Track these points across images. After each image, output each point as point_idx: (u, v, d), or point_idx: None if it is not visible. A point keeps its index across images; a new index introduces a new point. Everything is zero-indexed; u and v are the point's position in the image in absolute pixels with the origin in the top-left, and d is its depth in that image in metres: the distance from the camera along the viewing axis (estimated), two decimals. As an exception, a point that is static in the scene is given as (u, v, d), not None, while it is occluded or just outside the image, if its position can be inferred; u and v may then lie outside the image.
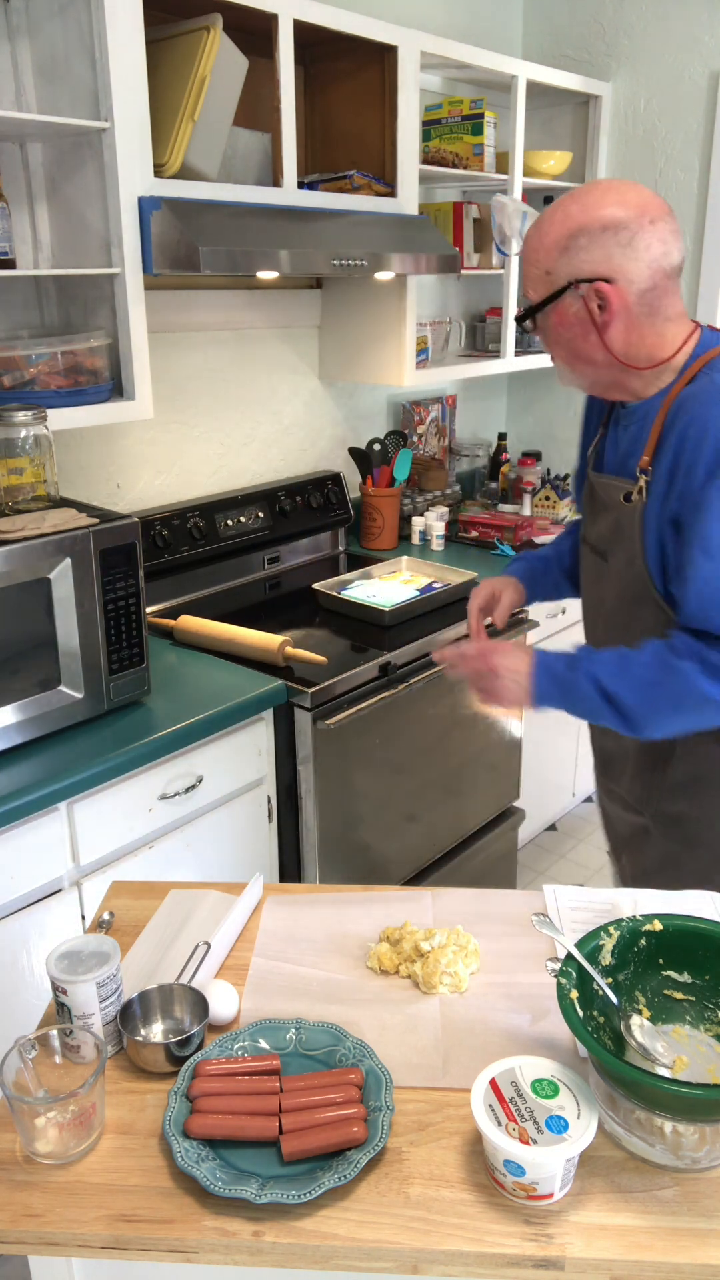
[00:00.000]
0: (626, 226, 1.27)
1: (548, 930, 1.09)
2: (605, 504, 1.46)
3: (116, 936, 1.29)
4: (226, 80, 2.04)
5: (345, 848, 2.25)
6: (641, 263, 1.29)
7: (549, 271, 1.32)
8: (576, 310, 1.33)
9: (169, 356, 2.48)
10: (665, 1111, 0.92)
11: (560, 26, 3.26)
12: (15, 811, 1.60)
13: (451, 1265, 0.89)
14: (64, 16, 1.84)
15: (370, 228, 2.32)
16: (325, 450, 3.01)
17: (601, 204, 1.28)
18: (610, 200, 1.28)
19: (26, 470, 1.77)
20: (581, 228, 1.29)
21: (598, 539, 1.51)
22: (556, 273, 1.32)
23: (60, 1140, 0.98)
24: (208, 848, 1.99)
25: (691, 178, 3.10)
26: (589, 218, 1.28)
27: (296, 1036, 1.10)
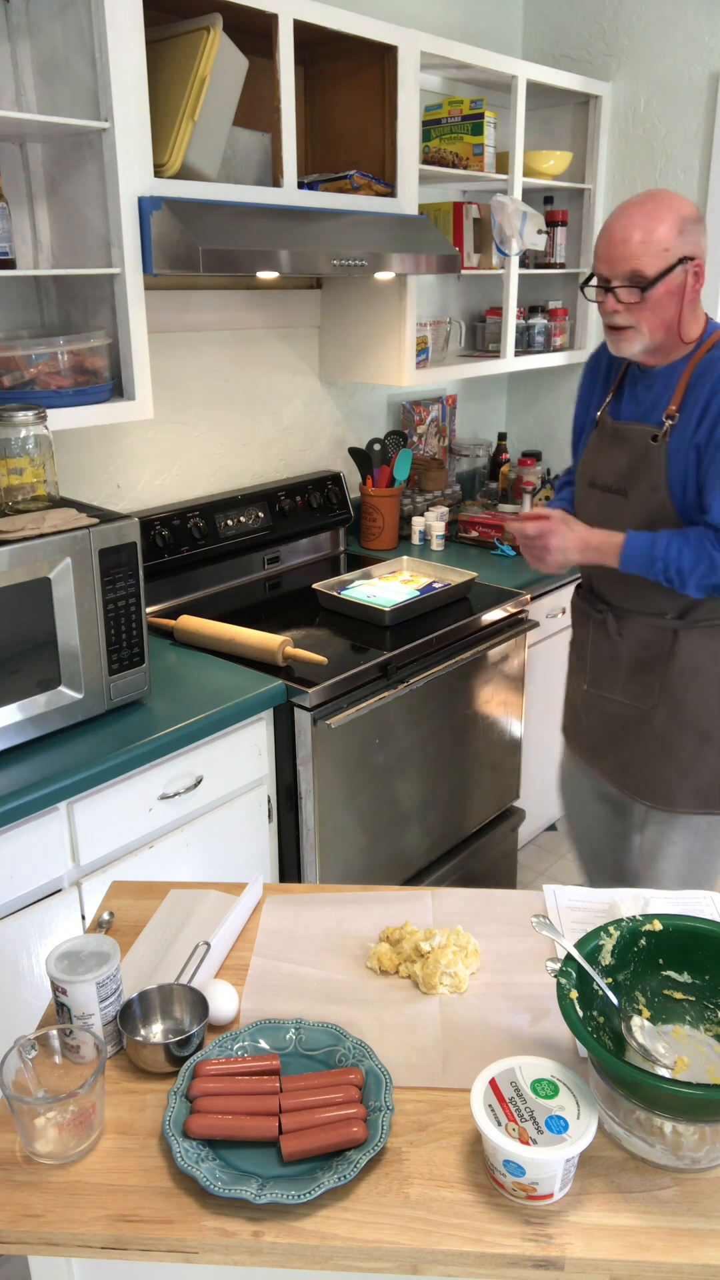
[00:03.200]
0: (703, 220, 1.73)
1: (547, 931, 1.09)
2: (631, 444, 1.81)
3: (116, 936, 1.29)
4: (226, 80, 2.04)
5: (345, 848, 2.25)
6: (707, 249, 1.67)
7: (668, 249, 1.66)
8: (679, 283, 1.69)
9: (169, 356, 2.48)
10: (665, 1111, 0.92)
11: (560, 26, 3.26)
12: (15, 811, 1.60)
13: (451, 1265, 0.89)
14: (64, 16, 1.84)
15: (370, 228, 2.32)
16: (325, 450, 3.01)
17: (685, 202, 1.70)
18: (685, 200, 1.70)
19: (26, 470, 1.77)
20: (687, 217, 1.68)
21: (615, 478, 1.85)
22: (674, 250, 1.66)
23: (60, 1140, 0.98)
24: (208, 848, 1.99)
25: (691, 178, 3.10)
26: (689, 210, 1.69)
27: (296, 1036, 1.10)
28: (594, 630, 1.98)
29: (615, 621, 1.91)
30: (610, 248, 1.69)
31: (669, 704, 1.88)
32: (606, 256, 1.70)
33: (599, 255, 1.73)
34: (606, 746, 2.01)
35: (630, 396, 1.86)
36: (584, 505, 1.95)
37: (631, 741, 1.95)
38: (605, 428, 1.89)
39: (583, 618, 2.02)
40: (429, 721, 2.39)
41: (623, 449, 1.83)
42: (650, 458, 1.78)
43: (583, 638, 2.03)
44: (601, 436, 1.90)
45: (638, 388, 1.85)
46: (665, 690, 1.88)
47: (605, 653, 1.96)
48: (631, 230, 1.67)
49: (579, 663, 2.07)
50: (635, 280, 1.67)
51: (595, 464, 1.90)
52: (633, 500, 1.82)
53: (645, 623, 1.87)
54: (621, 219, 1.69)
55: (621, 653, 1.93)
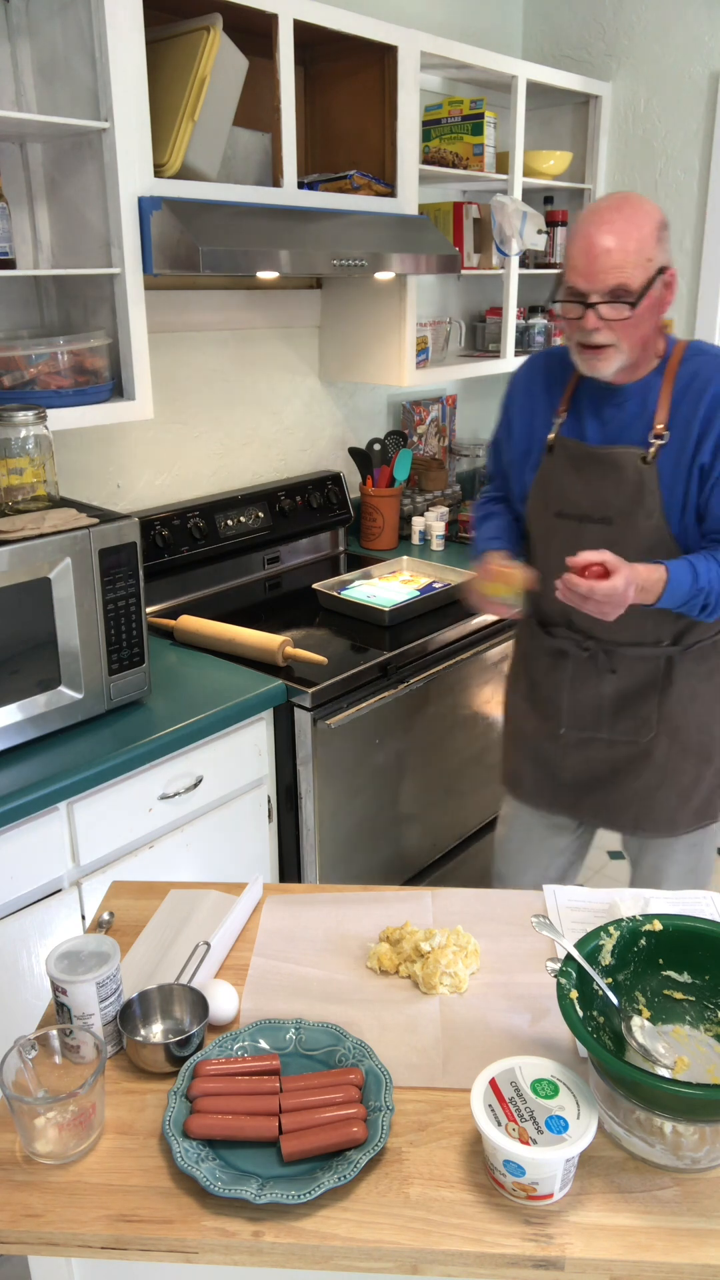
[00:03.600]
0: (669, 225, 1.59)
1: (547, 932, 1.09)
2: (615, 469, 1.66)
3: (116, 936, 1.29)
4: (226, 80, 2.04)
5: (345, 848, 2.25)
6: None
7: (650, 259, 1.53)
8: (658, 295, 1.57)
9: (169, 356, 2.48)
10: (665, 1111, 0.92)
11: (560, 26, 3.26)
12: (15, 811, 1.60)
13: (451, 1265, 0.89)
14: (64, 16, 1.84)
15: (370, 228, 2.32)
16: (325, 450, 3.01)
17: (655, 207, 1.57)
18: (654, 204, 1.58)
19: (26, 470, 1.77)
20: (661, 223, 1.56)
21: (595, 506, 1.69)
22: (655, 260, 1.54)
23: (60, 1140, 0.98)
24: (208, 848, 1.99)
25: (691, 178, 3.10)
26: (661, 216, 1.57)
27: (296, 1036, 1.10)
28: (573, 669, 1.81)
29: (606, 657, 1.77)
30: (591, 260, 1.53)
31: (669, 733, 1.79)
32: (587, 270, 1.54)
33: (576, 268, 1.56)
34: (592, 790, 1.87)
35: (593, 416, 1.70)
36: (546, 538, 1.78)
37: (628, 779, 1.83)
38: (569, 451, 1.72)
39: (554, 658, 1.84)
40: (429, 721, 2.39)
41: (603, 474, 1.68)
42: (643, 483, 1.64)
43: (555, 680, 1.85)
44: (565, 461, 1.72)
45: (602, 407, 1.69)
46: (664, 719, 1.78)
47: (587, 691, 1.81)
48: (614, 239, 1.52)
49: (547, 708, 1.88)
50: (621, 295, 1.53)
51: (561, 492, 1.73)
52: (621, 529, 1.68)
53: (639, 654, 1.75)
54: (600, 226, 1.53)
55: (607, 689, 1.79)
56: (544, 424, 1.77)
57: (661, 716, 1.78)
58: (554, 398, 1.77)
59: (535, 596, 1.83)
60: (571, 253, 1.57)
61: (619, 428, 1.67)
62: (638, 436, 1.66)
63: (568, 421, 1.74)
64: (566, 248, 1.62)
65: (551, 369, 1.80)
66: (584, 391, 1.72)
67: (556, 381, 1.78)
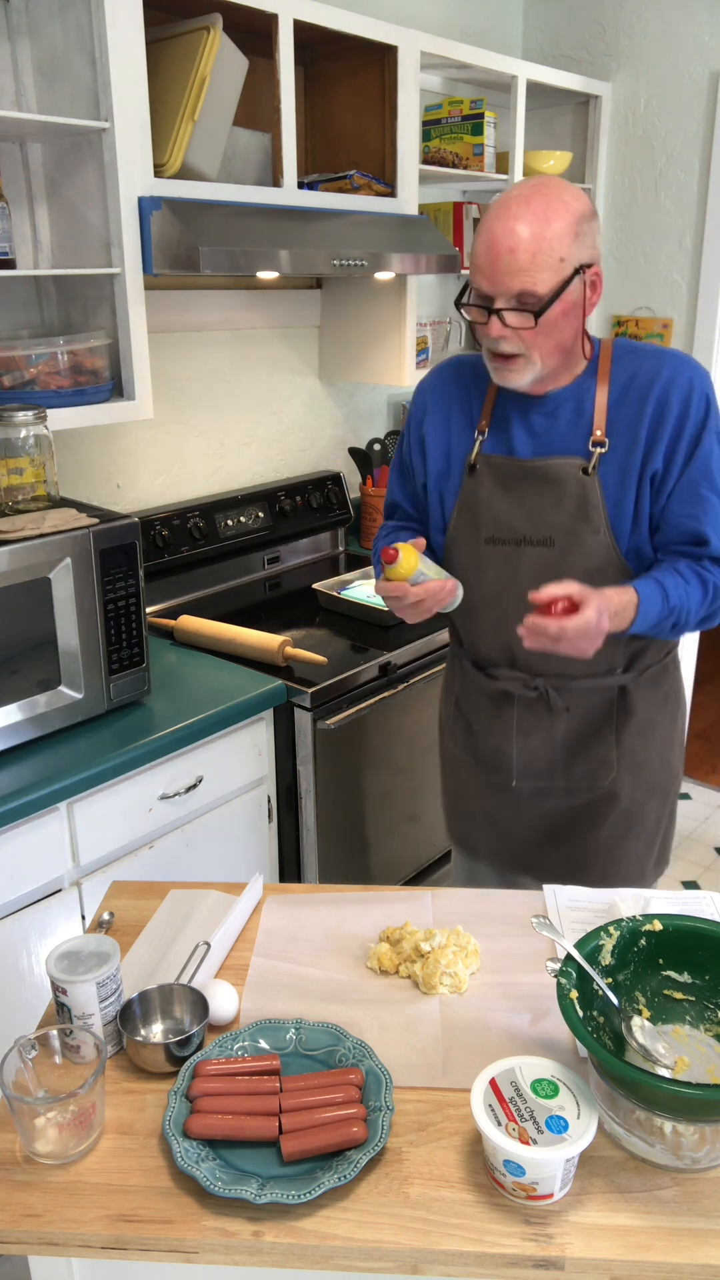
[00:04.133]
0: (597, 215, 1.41)
1: (547, 932, 1.09)
2: (554, 484, 1.49)
3: (116, 936, 1.29)
4: (226, 80, 2.04)
5: (345, 848, 2.25)
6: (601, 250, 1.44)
7: (563, 259, 1.35)
8: (575, 296, 1.39)
9: (169, 356, 2.48)
10: (665, 1111, 0.92)
11: (560, 26, 3.26)
12: (15, 811, 1.60)
13: (451, 1265, 0.89)
14: (64, 16, 1.84)
15: (370, 228, 2.32)
16: (325, 450, 3.01)
17: (577, 195, 1.38)
18: (577, 192, 1.39)
19: (26, 470, 1.77)
20: (581, 215, 1.37)
21: (534, 527, 1.51)
22: (569, 259, 1.36)
23: (60, 1140, 0.98)
24: (208, 848, 1.99)
25: (691, 178, 3.10)
26: (582, 206, 1.37)
27: (296, 1036, 1.10)
28: (521, 713, 1.62)
29: (556, 694, 1.58)
30: (493, 260, 1.34)
31: (631, 771, 1.62)
32: (489, 270, 1.35)
33: (478, 267, 1.37)
34: (556, 845, 1.69)
35: (522, 427, 1.52)
36: (477, 568, 1.57)
37: (592, 830, 1.66)
38: (496, 469, 1.53)
39: (497, 702, 1.64)
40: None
41: (540, 491, 1.50)
42: (586, 496, 1.47)
43: (500, 727, 1.65)
44: (492, 481, 1.53)
45: (531, 416, 1.51)
46: (624, 757, 1.61)
47: (537, 736, 1.62)
48: (519, 237, 1.33)
49: (493, 759, 1.67)
50: (526, 300, 1.35)
51: (493, 515, 1.53)
52: (565, 550, 1.50)
53: (591, 686, 1.57)
54: (504, 221, 1.34)
55: (559, 731, 1.61)
56: (463, 440, 1.58)
57: (621, 754, 1.61)
58: (472, 410, 1.58)
59: (469, 635, 1.66)
60: (475, 249, 1.39)
61: (553, 438, 1.50)
62: (576, 445, 1.49)
63: (491, 436, 1.55)
64: (474, 240, 1.42)
65: (465, 377, 1.61)
66: (507, 400, 1.53)
67: (473, 391, 1.59)
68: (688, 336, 3.23)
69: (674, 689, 1.68)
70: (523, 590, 1.47)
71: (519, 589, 1.50)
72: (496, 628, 1.59)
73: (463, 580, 1.56)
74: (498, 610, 1.57)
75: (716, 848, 3.30)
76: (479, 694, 1.67)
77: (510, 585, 1.54)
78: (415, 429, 1.64)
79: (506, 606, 1.55)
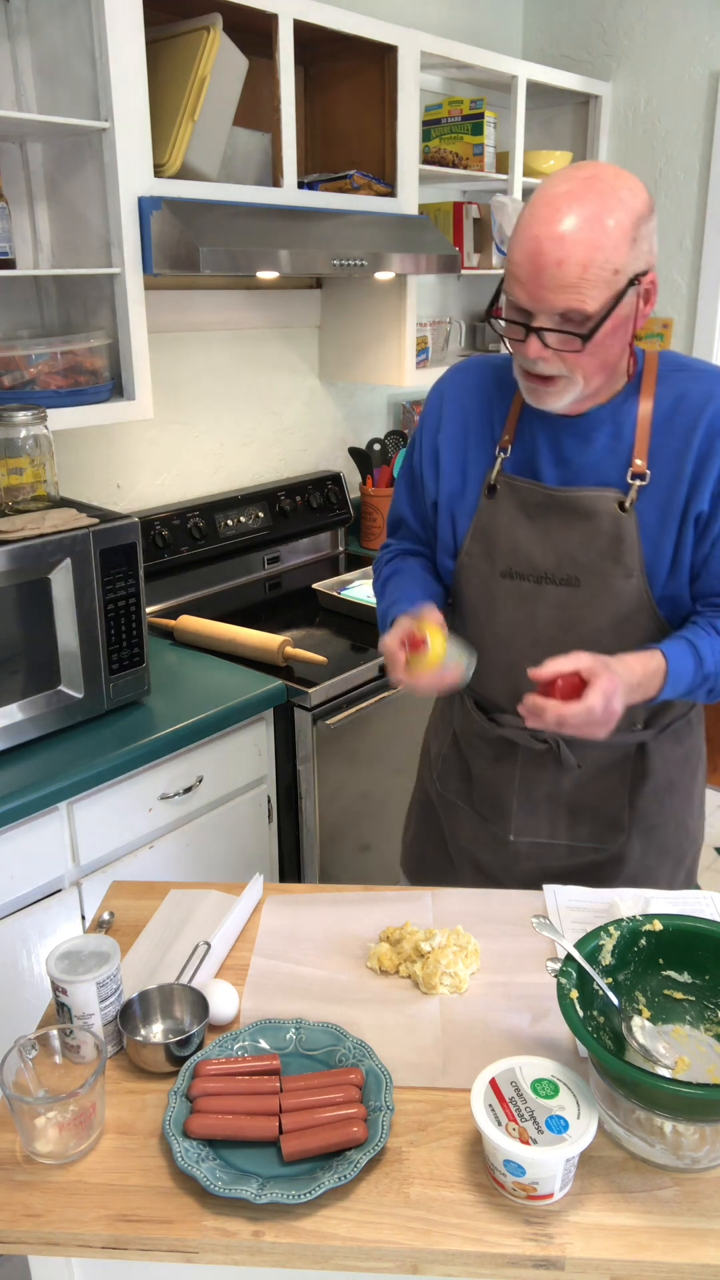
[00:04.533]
0: (654, 210, 1.20)
1: (547, 932, 1.09)
2: (584, 518, 1.32)
3: (116, 936, 1.29)
4: (226, 80, 2.04)
5: (345, 848, 2.25)
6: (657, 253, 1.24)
7: (618, 270, 1.15)
8: (628, 310, 1.19)
9: (169, 356, 2.48)
10: (665, 1111, 0.92)
11: (560, 26, 3.26)
12: (15, 811, 1.60)
13: (451, 1265, 0.89)
14: (64, 16, 1.84)
15: (370, 228, 2.32)
16: (325, 450, 3.01)
17: (636, 190, 1.16)
18: (635, 185, 1.17)
19: (26, 470, 1.77)
20: (640, 215, 1.16)
21: (558, 564, 1.34)
22: (624, 270, 1.16)
23: (60, 1140, 0.98)
24: (208, 848, 1.99)
25: (691, 178, 3.10)
26: (641, 204, 1.16)
27: (296, 1036, 1.10)
28: (524, 763, 1.46)
29: (569, 749, 1.42)
30: (536, 272, 1.14)
31: (642, 834, 1.48)
32: (531, 283, 1.15)
33: (517, 277, 1.17)
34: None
35: (549, 448, 1.34)
36: (490, 604, 1.40)
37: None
38: (519, 494, 1.35)
39: (499, 749, 1.49)
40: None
41: (568, 524, 1.32)
42: (621, 535, 1.30)
43: (500, 776, 1.49)
44: (513, 507, 1.36)
45: (561, 436, 1.32)
46: (638, 820, 1.47)
47: (541, 790, 1.47)
48: (569, 248, 1.12)
49: (490, 809, 1.52)
50: (573, 319, 1.16)
51: (512, 545, 1.36)
52: (591, 592, 1.33)
53: (607, 742, 1.35)
54: (550, 225, 1.13)
55: (566, 785, 1.45)
56: (482, 456, 1.40)
57: (634, 816, 1.47)
58: (494, 422, 1.40)
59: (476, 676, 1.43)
60: (515, 254, 1.17)
61: (585, 464, 1.32)
62: (612, 475, 1.31)
63: (514, 454, 1.37)
64: (511, 240, 1.19)
65: (488, 383, 1.42)
66: (534, 414, 1.34)
67: (495, 400, 1.40)
68: (688, 337, 3.23)
69: (695, 745, 1.53)
70: (540, 632, 1.36)
71: (535, 630, 1.37)
72: (506, 670, 1.42)
73: (472, 615, 1.43)
74: (509, 652, 1.41)
75: (716, 848, 3.30)
76: (479, 738, 1.51)
77: (526, 626, 1.38)
78: (428, 440, 1.45)
79: (520, 649, 1.39)
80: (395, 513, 1.57)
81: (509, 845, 1.51)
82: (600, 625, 1.33)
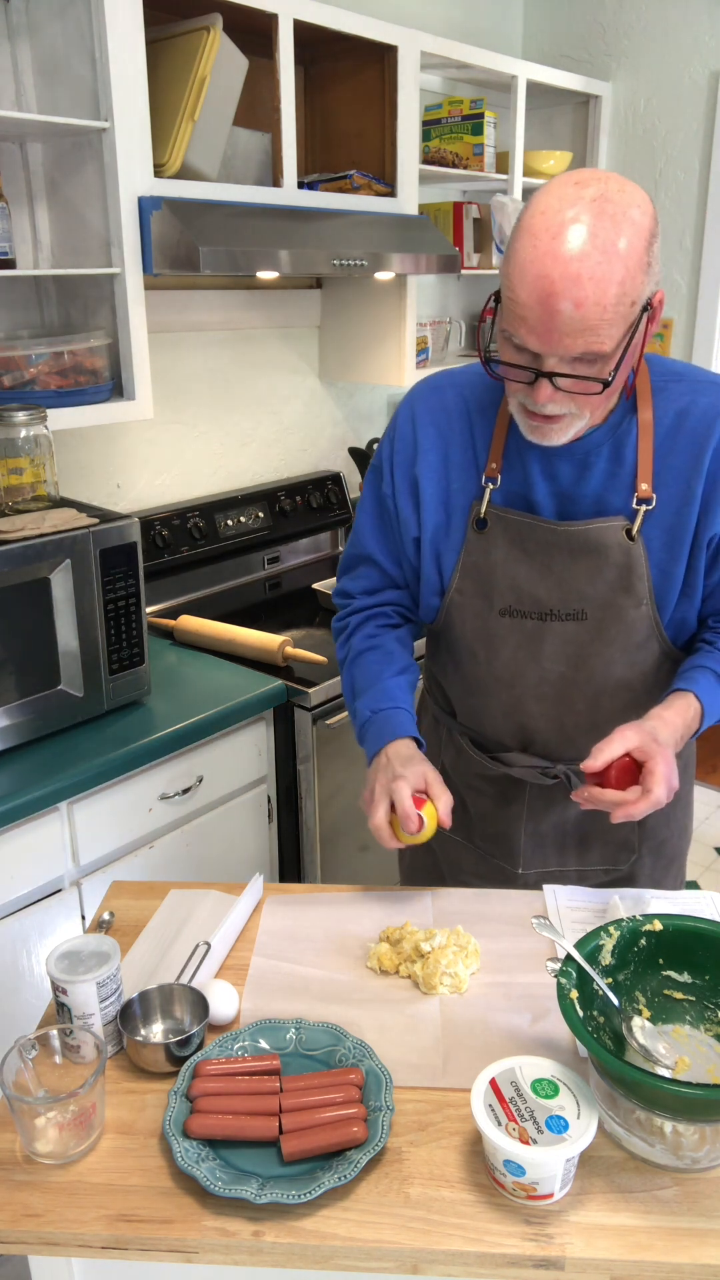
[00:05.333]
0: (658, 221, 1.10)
1: (548, 933, 1.09)
2: (590, 549, 1.24)
3: (116, 936, 1.29)
4: (226, 80, 2.04)
5: (345, 848, 2.25)
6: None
7: (635, 302, 1.05)
8: (639, 336, 1.09)
9: (169, 356, 2.48)
10: (665, 1111, 0.92)
11: (560, 26, 3.26)
12: (15, 811, 1.60)
13: (451, 1265, 0.89)
14: (64, 16, 1.84)
15: (370, 228, 2.32)
16: (325, 450, 3.01)
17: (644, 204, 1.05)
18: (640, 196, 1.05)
19: (26, 470, 1.77)
20: (652, 233, 1.05)
21: (561, 601, 1.27)
22: (640, 299, 1.05)
23: (60, 1140, 0.98)
24: (208, 848, 1.99)
25: (691, 178, 3.10)
26: (650, 220, 1.05)
27: (296, 1036, 1.10)
28: (532, 799, 1.40)
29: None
30: (548, 316, 1.03)
31: (652, 851, 1.46)
32: (542, 328, 1.04)
33: (523, 318, 1.05)
34: None
35: (543, 475, 1.24)
36: (486, 643, 1.32)
37: None
38: (512, 529, 1.26)
39: (504, 788, 1.42)
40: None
41: (572, 558, 1.24)
42: (631, 564, 1.23)
43: (507, 814, 1.44)
44: (506, 541, 1.27)
45: (553, 462, 1.23)
46: (647, 838, 1.43)
47: (548, 823, 1.42)
48: (585, 288, 1.01)
49: (496, 846, 1.46)
50: (588, 359, 1.06)
51: (511, 582, 1.28)
52: (600, 625, 1.26)
53: None
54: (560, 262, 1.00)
55: (573, 815, 1.41)
56: (466, 486, 1.29)
57: (644, 835, 1.43)
58: (475, 445, 1.28)
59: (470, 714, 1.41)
60: (521, 294, 1.04)
61: (585, 493, 1.23)
62: (615, 502, 1.22)
63: (504, 483, 1.26)
64: (506, 268, 1.06)
65: (467, 403, 1.30)
66: (523, 439, 1.22)
67: (476, 420, 1.29)
68: (688, 337, 3.23)
69: (690, 753, 1.51)
70: (546, 670, 1.29)
71: (541, 668, 1.30)
72: (510, 709, 1.35)
73: (469, 655, 1.35)
74: (513, 692, 1.34)
75: (716, 848, 3.30)
76: (480, 779, 1.43)
77: (531, 665, 1.30)
78: (403, 470, 1.32)
79: (525, 688, 1.32)
80: (357, 550, 1.41)
81: (517, 878, 1.46)
82: (611, 657, 1.27)
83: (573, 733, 1.35)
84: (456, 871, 1.56)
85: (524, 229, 1.05)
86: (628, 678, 1.30)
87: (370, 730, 1.31)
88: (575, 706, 1.33)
